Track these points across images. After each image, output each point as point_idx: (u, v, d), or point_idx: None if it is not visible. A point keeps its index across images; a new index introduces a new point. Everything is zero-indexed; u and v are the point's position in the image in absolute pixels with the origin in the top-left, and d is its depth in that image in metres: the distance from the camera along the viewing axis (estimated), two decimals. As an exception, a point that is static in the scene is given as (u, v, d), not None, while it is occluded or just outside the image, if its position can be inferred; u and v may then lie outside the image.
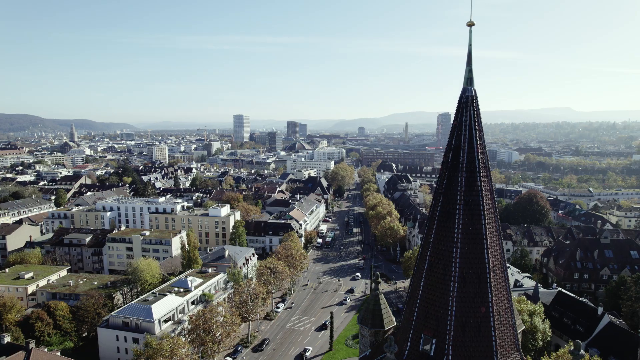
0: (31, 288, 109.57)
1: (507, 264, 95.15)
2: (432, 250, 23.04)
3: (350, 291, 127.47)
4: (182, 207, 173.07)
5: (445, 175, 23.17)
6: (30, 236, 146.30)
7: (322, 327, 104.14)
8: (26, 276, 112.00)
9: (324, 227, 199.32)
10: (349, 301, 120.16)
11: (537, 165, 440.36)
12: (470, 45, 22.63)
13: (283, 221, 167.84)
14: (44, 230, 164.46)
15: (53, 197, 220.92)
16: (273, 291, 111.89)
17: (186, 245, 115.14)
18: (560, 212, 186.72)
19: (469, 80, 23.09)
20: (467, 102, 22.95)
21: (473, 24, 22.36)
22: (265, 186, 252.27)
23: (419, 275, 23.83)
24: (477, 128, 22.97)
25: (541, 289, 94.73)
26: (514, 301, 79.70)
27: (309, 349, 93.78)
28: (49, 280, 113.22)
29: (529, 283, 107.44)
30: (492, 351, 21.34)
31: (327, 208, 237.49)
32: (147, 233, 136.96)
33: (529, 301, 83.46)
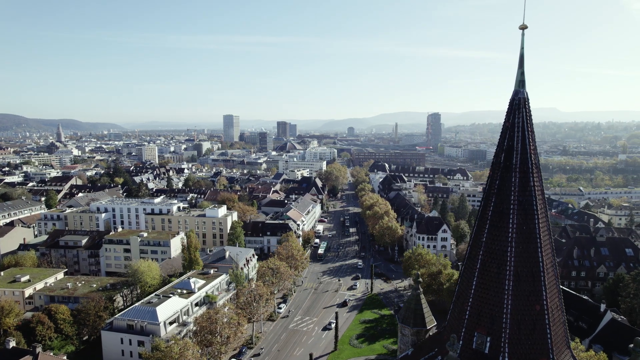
0: (28, 291, 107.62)
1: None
2: (484, 249, 23.28)
3: (352, 288, 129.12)
4: (178, 208, 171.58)
5: (498, 176, 23.45)
6: (24, 238, 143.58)
7: (325, 328, 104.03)
8: (22, 279, 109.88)
9: (320, 227, 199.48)
10: (355, 294, 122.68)
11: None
12: (522, 48, 22.91)
13: (281, 221, 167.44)
14: (36, 233, 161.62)
15: (43, 199, 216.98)
16: (275, 292, 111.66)
17: (187, 247, 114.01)
18: (553, 211, 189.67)
19: (520, 82, 23.40)
20: (520, 104, 23.27)
21: (526, 27, 22.63)
22: (259, 186, 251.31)
23: (469, 275, 24.06)
24: (529, 130, 23.28)
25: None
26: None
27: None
28: (46, 283, 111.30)
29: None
30: (548, 348, 21.68)
31: (322, 208, 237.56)
32: (145, 234, 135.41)
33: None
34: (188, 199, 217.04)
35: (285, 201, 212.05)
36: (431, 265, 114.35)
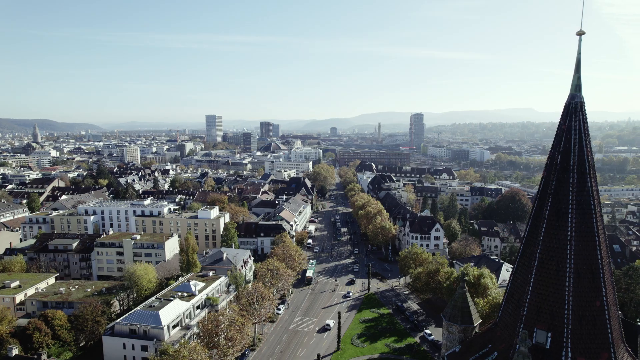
0: (19, 297, 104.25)
1: (501, 260, 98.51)
2: (542, 248, 23.93)
3: (351, 282, 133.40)
4: (169, 209, 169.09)
5: (554, 177, 24.13)
6: (10, 243, 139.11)
7: (324, 330, 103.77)
8: (12, 285, 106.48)
9: (312, 228, 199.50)
10: (351, 294, 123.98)
11: (508, 164, 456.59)
12: (579, 53, 23.58)
13: (274, 222, 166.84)
14: (21, 237, 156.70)
15: (25, 201, 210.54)
16: (274, 293, 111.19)
17: (185, 249, 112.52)
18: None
19: (577, 87, 24.10)
20: (577, 107, 23.99)
21: (583, 33, 23.31)
22: (248, 187, 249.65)
23: (524, 272, 24.68)
24: (585, 132, 24.01)
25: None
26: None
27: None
28: (37, 288, 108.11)
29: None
30: (609, 343, 22.48)
31: (312, 208, 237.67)
32: (138, 237, 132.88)
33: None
34: (177, 200, 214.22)
35: (276, 202, 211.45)
36: (429, 264, 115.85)
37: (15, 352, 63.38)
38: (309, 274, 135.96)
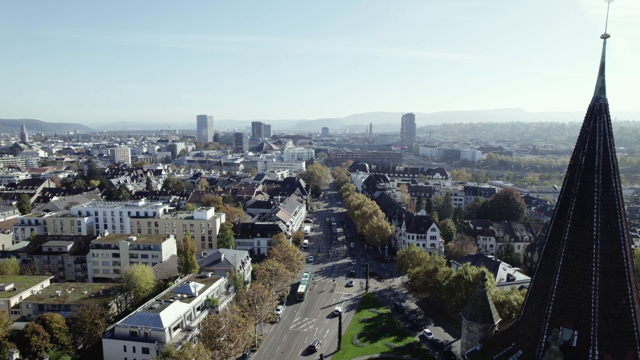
0: (14, 300, 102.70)
1: (497, 259, 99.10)
2: (566, 247, 24.29)
3: (349, 285, 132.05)
4: (164, 210, 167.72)
5: (578, 178, 24.52)
6: (2, 245, 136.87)
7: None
8: (7, 288, 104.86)
9: (307, 228, 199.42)
10: (351, 294, 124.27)
11: (499, 164, 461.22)
12: (603, 56, 23.99)
13: (270, 223, 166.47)
14: (13, 239, 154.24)
15: (15, 203, 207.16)
16: (273, 293, 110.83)
17: (183, 250, 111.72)
18: (533, 208, 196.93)
19: (601, 89, 24.51)
20: (601, 109, 24.41)
21: (608, 36, 23.72)
22: (242, 187, 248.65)
23: (548, 271, 25.03)
24: (610, 134, 24.43)
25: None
26: (516, 294, 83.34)
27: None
28: (32, 291, 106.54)
29: (520, 277, 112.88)
30: (634, 340, 22.91)
31: (306, 209, 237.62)
32: (134, 238, 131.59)
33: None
34: (170, 201, 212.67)
35: (271, 202, 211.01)
36: (427, 264, 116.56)
37: (16, 356, 62.31)
38: (301, 288, 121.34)
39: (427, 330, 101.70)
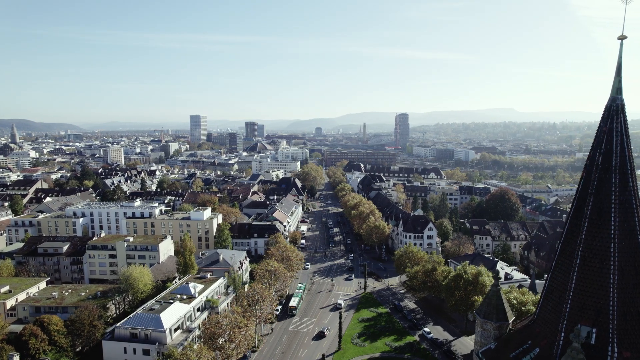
0: (10, 302, 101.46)
1: (495, 258, 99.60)
2: (584, 246, 24.54)
3: (348, 279, 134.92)
4: (161, 211, 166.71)
5: (595, 177, 24.76)
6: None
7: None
8: (2, 290, 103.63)
9: (304, 228, 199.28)
10: (349, 294, 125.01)
11: (492, 164, 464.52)
12: (620, 57, 24.26)
13: (267, 223, 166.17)
14: (7, 240, 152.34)
15: (7, 204, 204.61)
16: (272, 293, 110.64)
17: (182, 251, 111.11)
18: (527, 207, 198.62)
19: (618, 90, 24.79)
20: (618, 110, 24.68)
21: (625, 37, 23.98)
22: (237, 188, 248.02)
23: (565, 270, 25.26)
24: (626, 134, 24.71)
25: (536, 280, 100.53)
26: (515, 292, 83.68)
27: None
28: (28, 293, 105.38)
29: (517, 275, 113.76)
30: (653, 337, 23.17)
31: (302, 209, 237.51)
32: (131, 239, 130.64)
33: (530, 292, 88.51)
34: (166, 201, 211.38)
35: (267, 202, 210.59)
36: (425, 263, 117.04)
37: (16, 358, 61.52)
38: (292, 302, 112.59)
39: (426, 329, 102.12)
